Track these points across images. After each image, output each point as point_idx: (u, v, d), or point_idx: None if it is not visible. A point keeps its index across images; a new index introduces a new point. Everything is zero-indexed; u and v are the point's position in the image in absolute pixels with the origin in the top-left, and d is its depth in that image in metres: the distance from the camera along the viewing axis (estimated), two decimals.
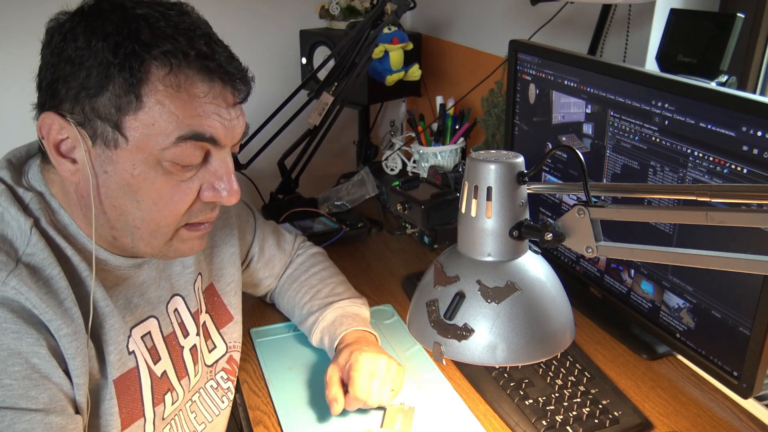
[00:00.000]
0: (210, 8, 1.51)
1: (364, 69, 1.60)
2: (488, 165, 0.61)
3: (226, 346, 0.98)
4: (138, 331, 0.82)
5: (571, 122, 1.14)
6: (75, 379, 0.71)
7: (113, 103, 0.68)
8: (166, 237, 0.76)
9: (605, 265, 1.14)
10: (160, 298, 0.86)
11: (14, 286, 0.67)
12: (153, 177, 0.71)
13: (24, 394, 0.67)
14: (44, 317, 0.68)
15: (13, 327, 0.67)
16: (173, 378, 0.86)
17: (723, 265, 0.55)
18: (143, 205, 0.72)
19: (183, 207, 0.74)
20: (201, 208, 0.76)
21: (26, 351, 0.67)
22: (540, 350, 0.62)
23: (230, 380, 1.00)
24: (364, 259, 1.44)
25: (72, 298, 0.71)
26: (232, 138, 0.75)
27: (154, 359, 0.84)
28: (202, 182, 0.74)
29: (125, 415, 0.78)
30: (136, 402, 0.80)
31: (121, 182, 0.71)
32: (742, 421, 0.94)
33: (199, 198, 0.75)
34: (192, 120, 0.69)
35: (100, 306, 0.76)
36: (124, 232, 0.75)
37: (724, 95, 0.85)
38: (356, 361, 0.93)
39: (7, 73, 1.65)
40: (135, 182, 0.71)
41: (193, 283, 0.92)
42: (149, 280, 0.85)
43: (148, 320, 0.84)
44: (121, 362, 0.78)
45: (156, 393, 0.83)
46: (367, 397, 0.92)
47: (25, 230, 0.71)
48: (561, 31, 1.44)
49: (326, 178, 1.86)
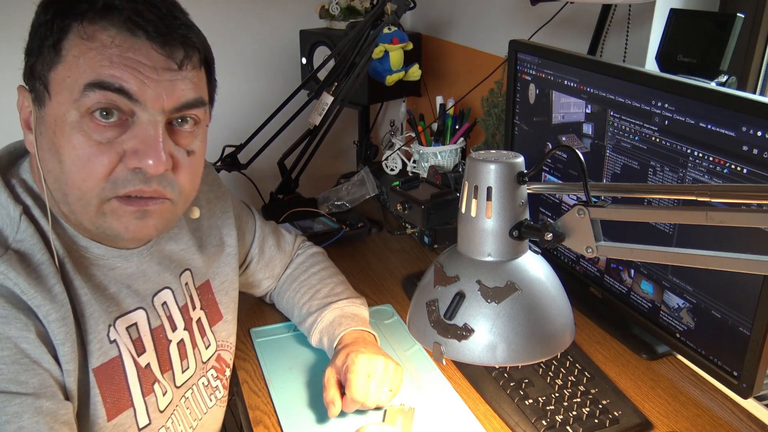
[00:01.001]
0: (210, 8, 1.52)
1: (364, 69, 1.60)
2: (488, 165, 0.61)
3: (216, 344, 0.98)
4: (122, 322, 0.81)
5: (571, 122, 1.14)
6: (64, 365, 0.71)
7: (44, 63, 0.70)
8: (94, 207, 0.72)
9: (605, 265, 1.14)
10: (148, 291, 0.86)
11: (2, 272, 0.68)
12: (69, 134, 0.70)
13: (14, 378, 0.67)
14: (32, 303, 0.69)
15: (2, 312, 0.67)
16: (156, 371, 0.85)
17: (723, 265, 0.55)
18: (65, 166, 0.71)
19: (101, 170, 0.70)
20: (128, 176, 0.72)
21: (15, 336, 0.67)
22: (540, 350, 0.62)
23: (219, 379, 0.99)
24: (364, 259, 1.44)
25: (61, 284, 0.72)
26: (158, 99, 0.71)
27: (139, 351, 0.83)
28: (127, 147, 0.71)
29: (110, 405, 0.78)
30: (122, 392, 0.79)
31: (49, 143, 0.71)
32: (742, 421, 0.94)
33: (125, 165, 0.72)
34: (101, 69, 0.69)
35: (79, 294, 0.75)
36: (63, 203, 0.74)
37: (724, 95, 0.85)
38: (353, 363, 0.93)
39: (6, 72, 1.65)
40: (57, 141, 0.71)
41: (179, 277, 0.91)
42: (138, 273, 0.84)
43: (135, 311, 0.83)
44: (102, 351, 0.77)
45: (144, 383, 0.82)
46: (365, 399, 0.92)
47: (14, 217, 0.72)
48: (561, 31, 1.44)
49: (326, 178, 1.86)
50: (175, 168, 0.75)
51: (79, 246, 0.78)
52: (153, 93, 0.70)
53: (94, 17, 0.69)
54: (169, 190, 0.75)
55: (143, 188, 0.73)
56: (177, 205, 0.78)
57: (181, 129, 0.76)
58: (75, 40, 0.69)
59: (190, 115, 0.76)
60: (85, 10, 0.69)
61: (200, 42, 0.76)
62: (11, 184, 0.75)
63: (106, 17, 0.69)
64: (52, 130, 0.70)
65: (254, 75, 2.05)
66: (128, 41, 0.69)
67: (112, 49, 0.69)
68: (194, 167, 0.78)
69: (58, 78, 0.70)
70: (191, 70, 0.74)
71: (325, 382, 0.95)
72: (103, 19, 0.69)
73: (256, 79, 2.05)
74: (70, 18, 0.69)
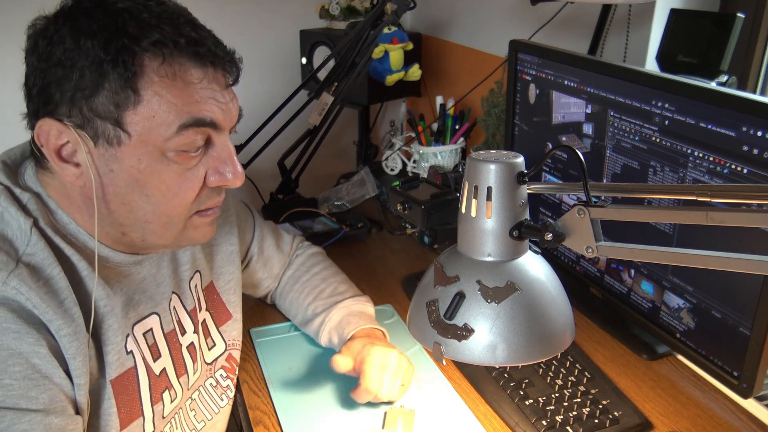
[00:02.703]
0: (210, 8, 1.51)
1: (364, 69, 1.60)
2: (488, 165, 0.61)
3: (225, 344, 0.98)
4: (140, 327, 0.82)
5: (571, 122, 1.14)
6: (75, 379, 0.71)
7: (111, 101, 0.67)
8: (179, 227, 0.76)
9: (605, 265, 1.14)
10: (160, 295, 0.86)
11: (15, 286, 0.67)
12: (159, 169, 0.71)
13: (24, 395, 0.67)
14: (45, 317, 0.68)
15: (14, 327, 0.66)
16: (172, 376, 0.86)
17: (723, 265, 0.55)
18: (153, 198, 0.73)
19: (191, 195, 0.74)
20: (208, 194, 0.77)
21: (27, 351, 0.67)
22: (540, 350, 0.61)
23: (230, 378, 1.00)
24: (364, 259, 1.44)
25: (72, 298, 0.71)
26: (230, 120, 0.76)
27: (155, 356, 0.84)
28: (207, 168, 0.75)
29: (124, 415, 0.78)
30: (134, 401, 0.80)
31: (129, 179, 0.71)
32: (742, 421, 0.94)
33: (206, 184, 0.75)
34: (191, 107, 0.70)
35: (99, 306, 0.75)
36: (134, 228, 0.75)
37: (724, 95, 0.85)
38: (368, 354, 0.94)
39: (6, 72, 1.65)
40: (142, 177, 0.71)
41: (189, 281, 0.92)
42: (149, 277, 0.85)
43: (150, 317, 0.84)
44: (119, 362, 0.78)
45: (154, 392, 0.83)
46: (378, 390, 0.92)
47: (25, 230, 0.71)
48: (561, 31, 1.44)
49: (326, 178, 1.86)
50: None
51: (100, 257, 0.77)
52: (227, 116, 0.74)
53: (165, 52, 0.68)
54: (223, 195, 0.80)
55: (218, 200, 0.79)
56: None
57: None
58: (152, 77, 0.68)
59: None
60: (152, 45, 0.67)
61: None
62: (17, 195, 0.74)
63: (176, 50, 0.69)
64: (136, 168, 0.71)
65: (254, 75, 2.05)
66: (201, 71, 0.71)
67: (196, 84, 0.70)
68: None
69: (140, 118, 0.68)
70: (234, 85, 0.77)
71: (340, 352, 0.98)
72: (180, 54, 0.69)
73: (257, 79, 2.05)
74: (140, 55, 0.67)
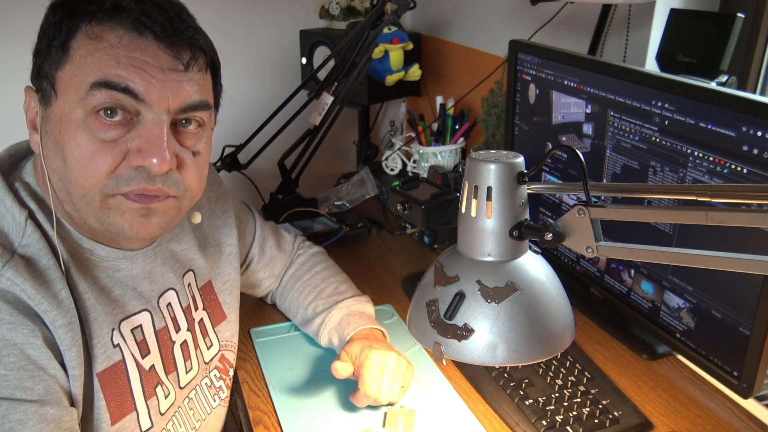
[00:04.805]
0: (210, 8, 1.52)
1: (364, 69, 1.60)
2: (488, 165, 0.61)
3: (219, 344, 0.98)
4: (127, 324, 0.81)
5: (571, 122, 1.14)
6: (71, 370, 0.71)
7: (52, 62, 0.71)
8: (97, 203, 0.72)
9: (605, 265, 1.14)
10: (153, 292, 0.86)
11: (9, 278, 0.67)
12: (75, 132, 0.70)
13: (19, 385, 0.67)
14: (39, 308, 0.68)
15: (9, 318, 0.67)
16: (161, 372, 0.85)
17: (723, 265, 0.55)
18: (69, 164, 0.71)
19: (104, 167, 0.70)
20: (131, 174, 0.72)
21: (21, 342, 0.67)
22: (540, 350, 0.61)
23: (222, 379, 0.99)
24: (364, 259, 1.44)
25: (67, 289, 0.71)
26: (163, 100, 0.71)
27: (143, 353, 0.83)
28: (131, 145, 0.71)
29: (114, 409, 0.78)
30: (125, 396, 0.79)
31: (54, 141, 0.72)
32: (742, 421, 0.94)
33: (129, 163, 0.72)
34: (108, 69, 0.69)
35: (83, 299, 0.75)
36: (67, 202, 0.74)
37: (724, 95, 0.85)
38: (366, 358, 0.94)
39: (7, 73, 1.65)
40: (62, 139, 0.71)
41: (182, 278, 0.91)
42: (143, 274, 0.84)
43: (140, 314, 0.83)
44: (106, 356, 0.77)
45: (146, 386, 0.82)
46: (378, 394, 0.92)
47: (20, 222, 0.72)
48: (561, 31, 1.44)
49: (326, 178, 1.86)
50: (181, 167, 0.75)
51: (83, 249, 0.78)
52: (159, 93, 0.70)
53: (102, 18, 0.69)
54: (174, 189, 0.75)
55: (147, 187, 0.73)
56: (182, 203, 0.78)
57: (186, 130, 0.76)
58: (83, 40, 0.69)
59: (195, 117, 0.76)
60: (93, 11, 0.70)
61: (207, 45, 0.76)
62: (15, 187, 0.75)
63: (114, 18, 0.69)
64: (57, 128, 0.71)
65: (254, 75, 2.05)
66: (135, 41, 0.70)
67: (119, 49, 0.69)
68: (200, 167, 0.78)
69: (65, 77, 0.70)
70: (197, 72, 0.74)
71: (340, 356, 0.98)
72: (111, 19, 0.70)
73: (257, 79, 2.05)
74: (78, 18, 0.70)
